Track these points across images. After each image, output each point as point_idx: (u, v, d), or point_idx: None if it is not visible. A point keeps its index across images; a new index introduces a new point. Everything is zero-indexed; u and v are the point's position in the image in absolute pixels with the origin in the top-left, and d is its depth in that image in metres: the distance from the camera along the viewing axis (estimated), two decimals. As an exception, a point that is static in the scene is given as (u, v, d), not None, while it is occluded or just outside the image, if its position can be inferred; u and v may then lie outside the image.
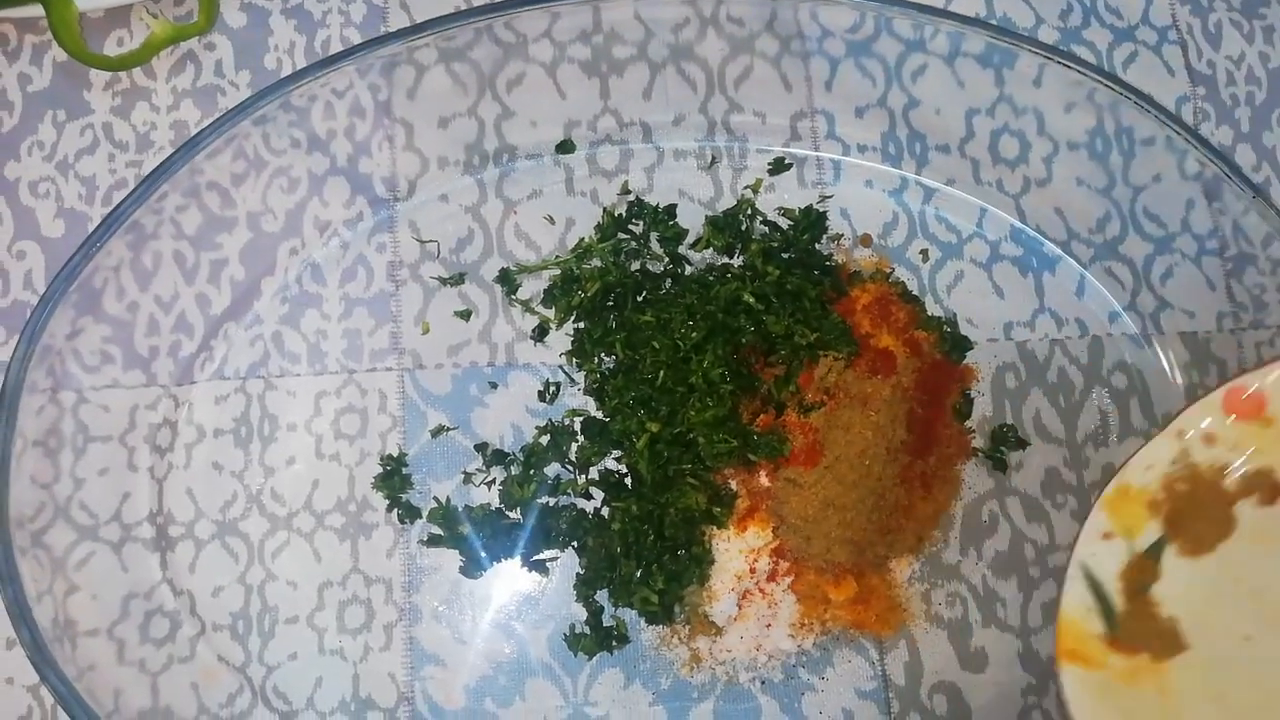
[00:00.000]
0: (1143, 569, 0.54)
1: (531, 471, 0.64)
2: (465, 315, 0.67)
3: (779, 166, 0.70)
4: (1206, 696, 0.53)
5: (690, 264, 0.68)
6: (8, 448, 0.57)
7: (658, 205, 0.68)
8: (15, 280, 0.67)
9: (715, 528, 0.61)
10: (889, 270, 0.68)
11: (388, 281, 0.67)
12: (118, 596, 0.61)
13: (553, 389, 0.66)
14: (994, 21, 0.73)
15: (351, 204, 0.68)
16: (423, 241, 0.68)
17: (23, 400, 0.58)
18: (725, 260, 0.68)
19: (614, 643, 0.61)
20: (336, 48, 0.71)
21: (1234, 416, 0.54)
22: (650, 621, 0.62)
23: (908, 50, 0.68)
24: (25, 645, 0.55)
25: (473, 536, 0.63)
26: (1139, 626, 0.54)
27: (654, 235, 0.68)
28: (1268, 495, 0.54)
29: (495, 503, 0.64)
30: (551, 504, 0.63)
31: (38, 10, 0.67)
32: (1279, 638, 0.53)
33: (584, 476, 0.64)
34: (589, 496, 0.64)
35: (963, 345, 0.67)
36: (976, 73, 0.67)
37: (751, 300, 0.63)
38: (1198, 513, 0.54)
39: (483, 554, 0.63)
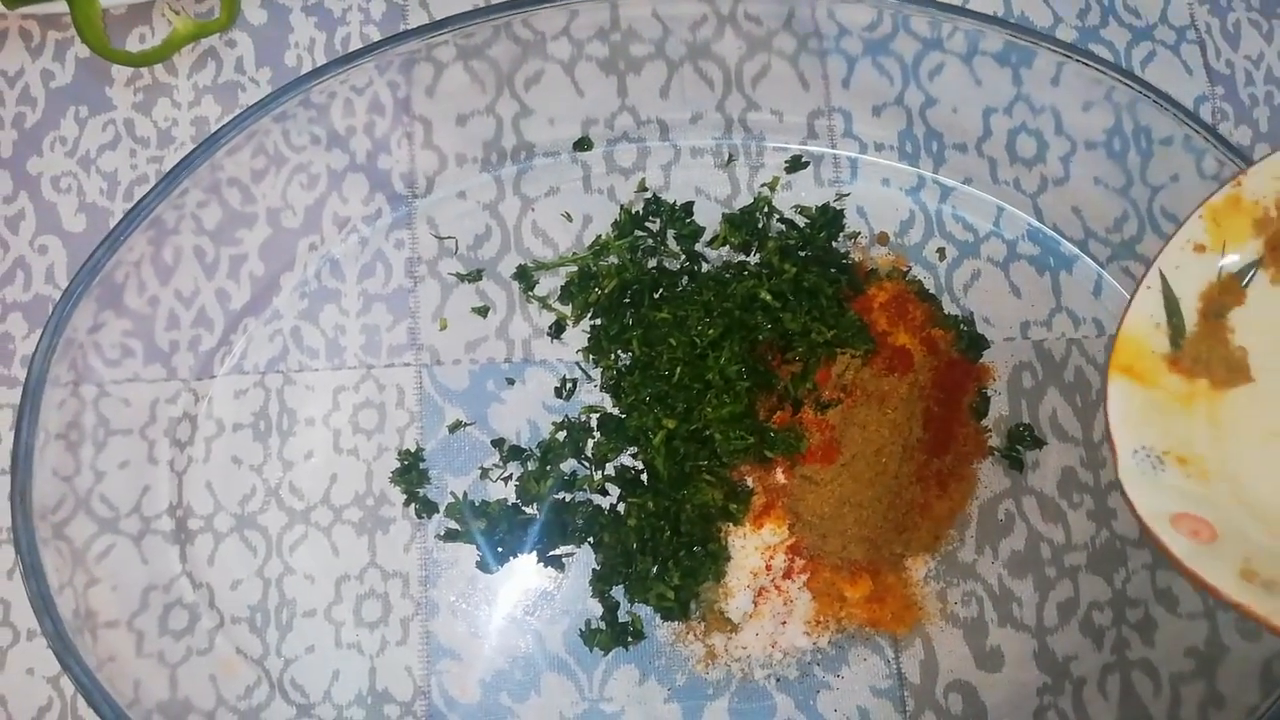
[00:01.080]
0: (1227, 290, 0.50)
1: (548, 467, 0.64)
2: (483, 311, 0.67)
3: (796, 164, 0.70)
4: (1260, 434, 0.50)
5: (707, 261, 0.68)
6: (31, 441, 0.57)
7: (675, 203, 0.68)
8: (37, 274, 0.68)
9: (731, 524, 0.62)
10: (906, 268, 0.68)
11: (406, 278, 0.68)
12: (137, 589, 0.61)
13: (569, 385, 0.66)
14: (1012, 20, 0.73)
15: (370, 200, 0.68)
16: (441, 238, 0.68)
17: (45, 394, 0.58)
18: (742, 258, 0.68)
19: (629, 639, 0.61)
20: (356, 45, 0.71)
21: None
22: (666, 618, 0.62)
23: (925, 48, 0.68)
24: (48, 636, 0.55)
25: (489, 532, 0.63)
26: (1206, 350, 0.50)
27: (671, 233, 0.68)
28: None
29: (512, 498, 0.64)
30: (567, 500, 0.64)
31: (61, 7, 0.68)
32: None
33: (600, 472, 0.64)
34: (605, 492, 0.64)
35: (979, 344, 0.66)
36: (994, 71, 0.67)
37: (768, 298, 0.63)
38: None
39: (499, 549, 0.63)
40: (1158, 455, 0.49)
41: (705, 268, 0.67)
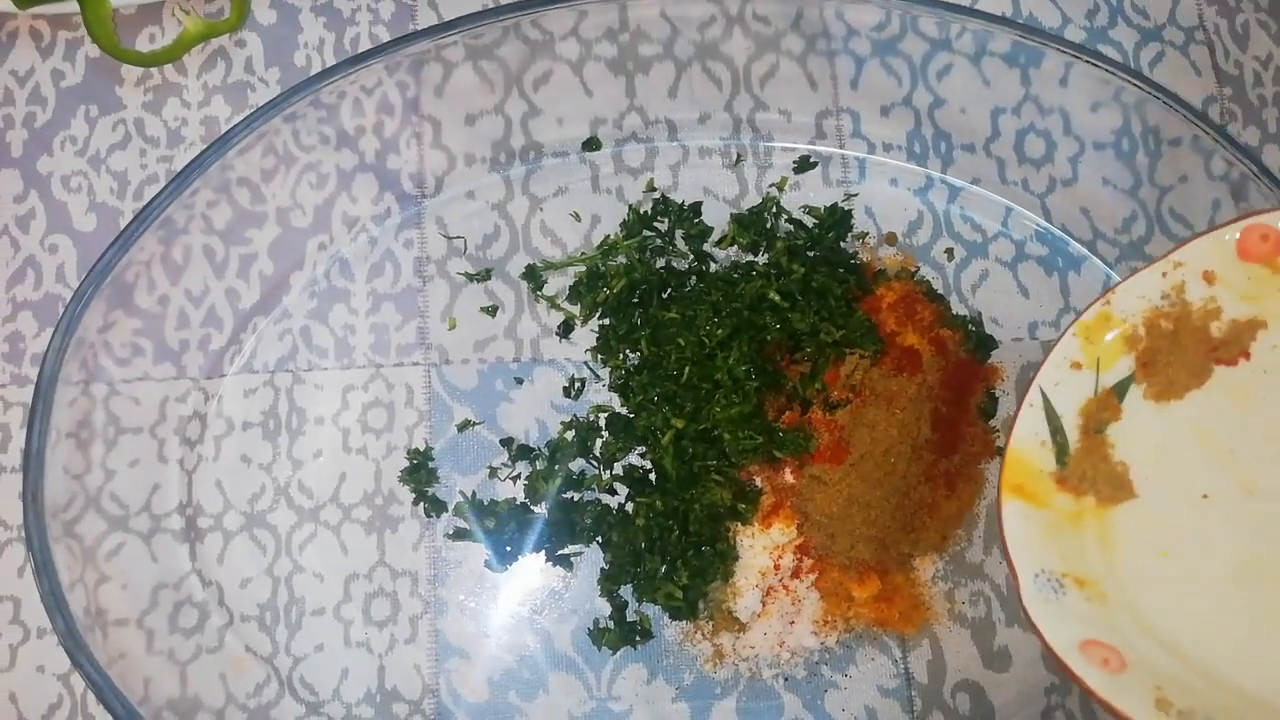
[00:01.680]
0: (1104, 406, 0.51)
1: (556, 467, 0.64)
2: (491, 311, 0.67)
3: (804, 165, 0.70)
4: (1149, 550, 0.50)
5: (715, 261, 0.68)
6: (43, 439, 0.58)
7: (683, 203, 0.68)
8: (48, 273, 0.68)
9: (740, 524, 0.62)
10: (914, 269, 0.68)
11: (415, 277, 0.68)
12: (147, 587, 0.61)
13: (578, 385, 0.66)
14: (1020, 21, 0.73)
15: (379, 200, 0.68)
16: (450, 238, 0.69)
17: (56, 393, 0.59)
18: (750, 258, 0.68)
19: (638, 638, 0.62)
20: (365, 45, 0.71)
21: (1242, 257, 0.49)
22: (674, 617, 0.62)
23: (933, 49, 0.68)
24: (60, 634, 0.55)
25: (497, 531, 0.63)
26: (1089, 467, 0.51)
27: (679, 232, 0.68)
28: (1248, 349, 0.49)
29: (520, 497, 0.64)
30: (576, 499, 0.64)
31: (72, 7, 0.68)
32: (1240, 501, 0.49)
33: (609, 472, 0.64)
34: (613, 492, 0.64)
35: (987, 344, 0.67)
36: (1002, 72, 0.67)
37: (777, 298, 0.63)
38: (1175, 356, 0.51)
39: (507, 548, 0.63)
40: (1057, 578, 0.49)
41: (714, 268, 0.68)
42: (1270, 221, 0.50)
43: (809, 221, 0.68)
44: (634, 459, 0.64)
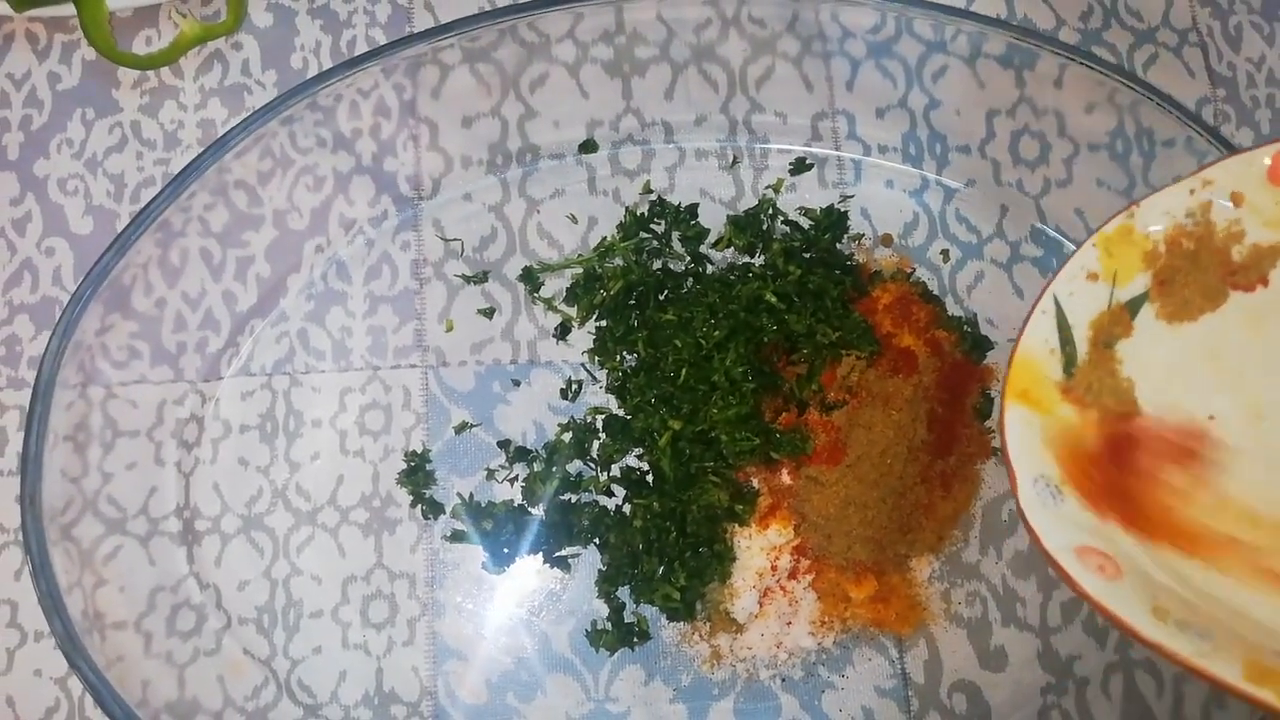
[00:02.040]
0: (1116, 320, 0.50)
1: (553, 468, 0.64)
2: (488, 313, 0.68)
3: (800, 166, 0.70)
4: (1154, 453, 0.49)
5: (712, 263, 0.68)
6: (40, 442, 0.57)
7: (679, 205, 0.68)
8: (44, 276, 0.68)
9: (737, 525, 0.62)
10: (910, 270, 0.68)
11: (412, 279, 0.68)
12: (145, 589, 0.61)
13: (575, 386, 0.66)
14: (1015, 23, 0.73)
15: (376, 203, 0.69)
16: (447, 240, 0.69)
17: (54, 396, 0.58)
18: (747, 259, 0.68)
19: (635, 639, 0.62)
20: (362, 48, 0.72)
21: (1273, 182, 0.48)
22: (671, 618, 0.62)
23: (929, 51, 0.69)
24: (58, 637, 0.55)
25: (495, 532, 0.63)
26: (1096, 380, 0.50)
27: (676, 234, 0.68)
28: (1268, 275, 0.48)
29: (517, 499, 0.64)
30: (573, 501, 0.64)
31: (68, 10, 0.68)
32: (1246, 424, 0.49)
33: (606, 473, 0.64)
34: (610, 493, 0.64)
35: (983, 345, 0.67)
36: (997, 74, 0.68)
37: (773, 299, 0.63)
38: (1193, 277, 0.50)
39: (505, 550, 0.63)
40: (1056, 485, 0.48)
41: (710, 269, 0.68)
42: None
43: (805, 223, 0.68)
44: (631, 460, 0.64)
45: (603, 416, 0.65)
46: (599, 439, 0.65)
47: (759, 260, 0.68)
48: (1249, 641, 0.44)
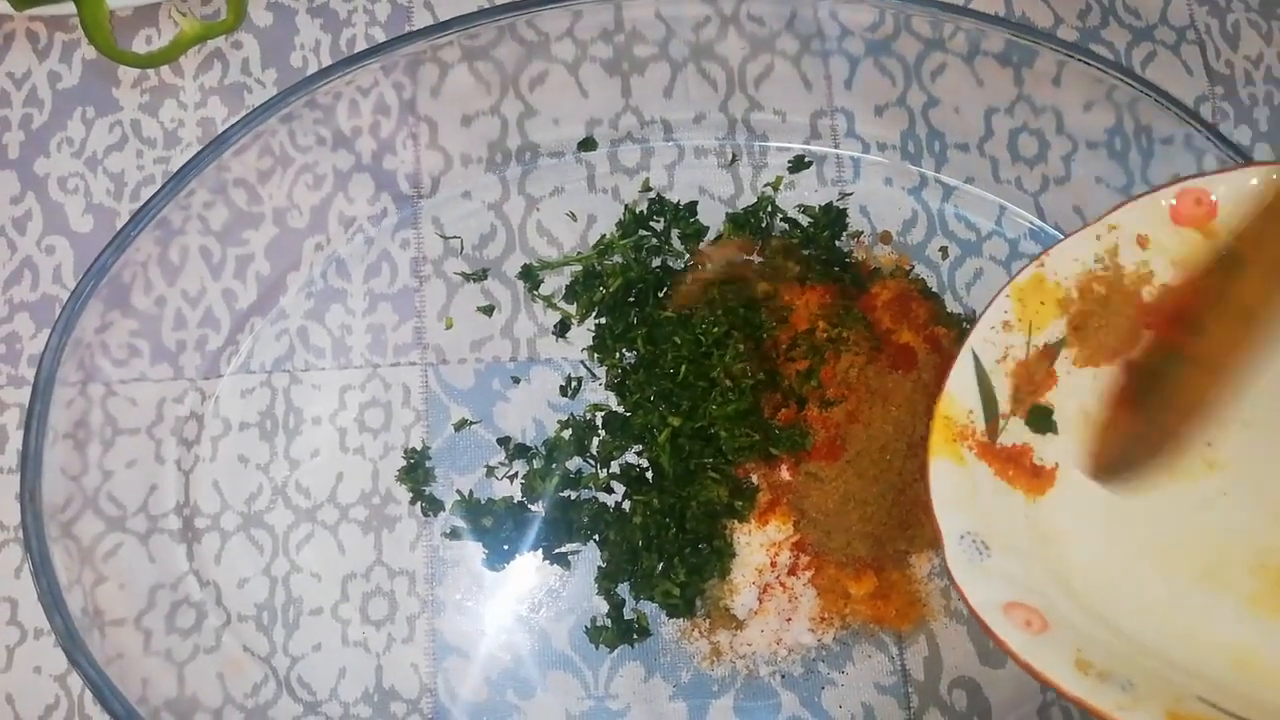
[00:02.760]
0: (1035, 369, 0.51)
1: (553, 465, 0.64)
2: (488, 311, 0.68)
3: (799, 164, 0.70)
4: (1073, 515, 0.50)
5: (711, 260, 0.68)
6: (40, 440, 0.57)
7: (679, 202, 0.68)
8: (44, 274, 0.68)
9: (736, 521, 0.62)
10: (909, 267, 0.68)
11: (411, 277, 0.68)
12: (145, 587, 0.61)
13: (574, 384, 0.66)
14: (1013, 20, 0.73)
15: (376, 200, 0.69)
16: (446, 238, 0.69)
17: (54, 393, 0.58)
18: (746, 257, 0.68)
19: (635, 636, 0.62)
20: (361, 46, 0.72)
21: (1176, 221, 0.49)
22: (671, 615, 0.62)
23: (927, 49, 0.69)
24: (58, 633, 0.55)
25: (495, 529, 0.63)
26: (1017, 430, 0.50)
27: (675, 232, 0.68)
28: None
29: (517, 496, 0.64)
30: (573, 497, 0.64)
31: (68, 9, 0.68)
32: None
33: (605, 470, 0.64)
34: (610, 490, 0.64)
35: (982, 342, 0.67)
36: (995, 71, 0.68)
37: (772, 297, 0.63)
38: (1106, 320, 0.51)
39: (505, 547, 0.63)
40: (982, 541, 0.49)
41: (709, 267, 0.68)
42: (1205, 186, 0.49)
43: (804, 220, 0.68)
44: (631, 457, 0.64)
45: (602, 413, 0.65)
46: (598, 436, 0.65)
47: (758, 258, 0.68)
48: (1173, 687, 0.44)
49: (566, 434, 0.65)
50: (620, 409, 0.65)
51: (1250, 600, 0.48)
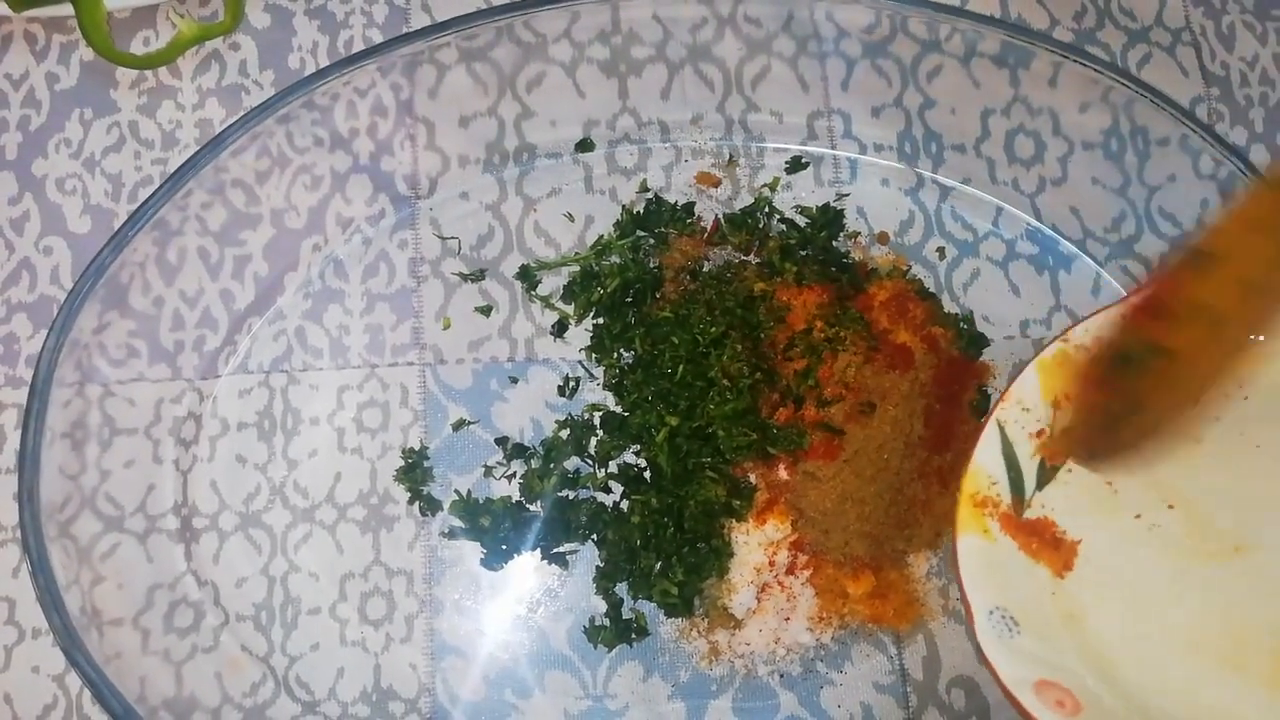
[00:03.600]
0: (1059, 444, 0.51)
1: (551, 465, 0.64)
2: (486, 311, 0.68)
3: (796, 165, 0.70)
4: (1098, 592, 0.50)
5: (709, 261, 0.68)
6: (38, 440, 0.58)
7: (676, 203, 0.68)
8: (42, 275, 0.68)
9: (734, 520, 0.62)
10: (906, 267, 0.68)
11: (409, 277, 0.68)
12: (143, 587, 0.61)
13: (572, 384, 0.66)
14: (1009, 22, 0.74)
15: (374, 201, 0.69)
16: (444, 238, 0.69)
17: (51, 393, 0.59)
18: (743, 257, 0.68)
19: (633, 635, 0.62)
20: (359, 47, 0.72)
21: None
22: (669, 614, 0.62)
23: (923, 50, 0.69)
24: (57, 633, 0.55)
25: (493, 529, 0.63)
26: (1040, 501, 0.51)
27: (672, 233, 0.68)
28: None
29: (515, 496, 0.64)
30: (571, 497, 0.64)
31: (66, 10, 0.68)
32: (1188, 546, 0.50)
33: (603, 470, 0.64)
34: (608, 490, 0.64)
35: (979, 342, 0.67)
36: (992, 72, 0.68)
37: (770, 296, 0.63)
38: None
39: (503, 547, 0.63)
40: (1012, 617, 0.49)
41: (707, 267, 0.68)
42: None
43: (801, 221, 0.68)
44: (629, 457, 0.64)
45: (600, 413, 0.65)
46: (596, 436, 0.65)
47: (755, 258, 0.68)
48: None
49: (564, 434, 0.65)
50: (618, 409, 0.65)
51: (1270, 683, 0.48)
